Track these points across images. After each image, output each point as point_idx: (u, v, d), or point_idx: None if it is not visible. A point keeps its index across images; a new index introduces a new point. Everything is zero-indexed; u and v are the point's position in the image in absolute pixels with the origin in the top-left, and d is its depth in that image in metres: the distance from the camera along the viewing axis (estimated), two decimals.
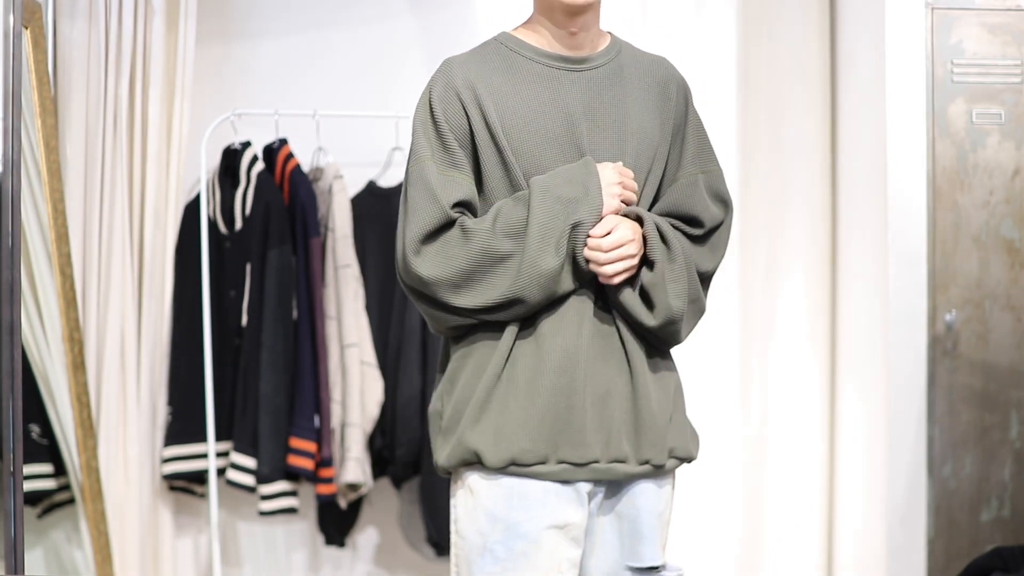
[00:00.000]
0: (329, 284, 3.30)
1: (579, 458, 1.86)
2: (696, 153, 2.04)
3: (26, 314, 2.88)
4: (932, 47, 3.19)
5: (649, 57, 2.05)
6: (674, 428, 1.95)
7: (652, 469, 1.91)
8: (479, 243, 1.85)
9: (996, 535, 3.19)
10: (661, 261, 1.90)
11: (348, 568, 3.60)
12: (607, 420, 1.88)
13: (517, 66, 1.94)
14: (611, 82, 1.96)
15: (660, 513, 1.95)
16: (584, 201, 1.87)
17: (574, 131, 1.92)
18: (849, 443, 3.53)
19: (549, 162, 1.90)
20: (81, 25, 3.17)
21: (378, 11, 3.59)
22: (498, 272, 1.85)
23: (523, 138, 1.90)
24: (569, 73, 1.95)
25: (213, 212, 3.35)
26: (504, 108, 1.90)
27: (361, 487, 3.30)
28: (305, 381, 3.26)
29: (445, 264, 1.85)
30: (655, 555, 1.93)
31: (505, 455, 1.85)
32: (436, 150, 1.90)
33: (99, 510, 3.05)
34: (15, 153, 2.51)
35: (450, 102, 1.90)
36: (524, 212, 1.86)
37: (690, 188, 2.01)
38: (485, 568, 1.86)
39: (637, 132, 1.95)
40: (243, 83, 3.53)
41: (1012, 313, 3.21)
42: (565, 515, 1.87)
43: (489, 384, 1.88)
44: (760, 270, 3.62)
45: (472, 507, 1.89)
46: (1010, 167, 3.21)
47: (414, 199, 1.88)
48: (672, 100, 2.01)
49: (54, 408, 2.99)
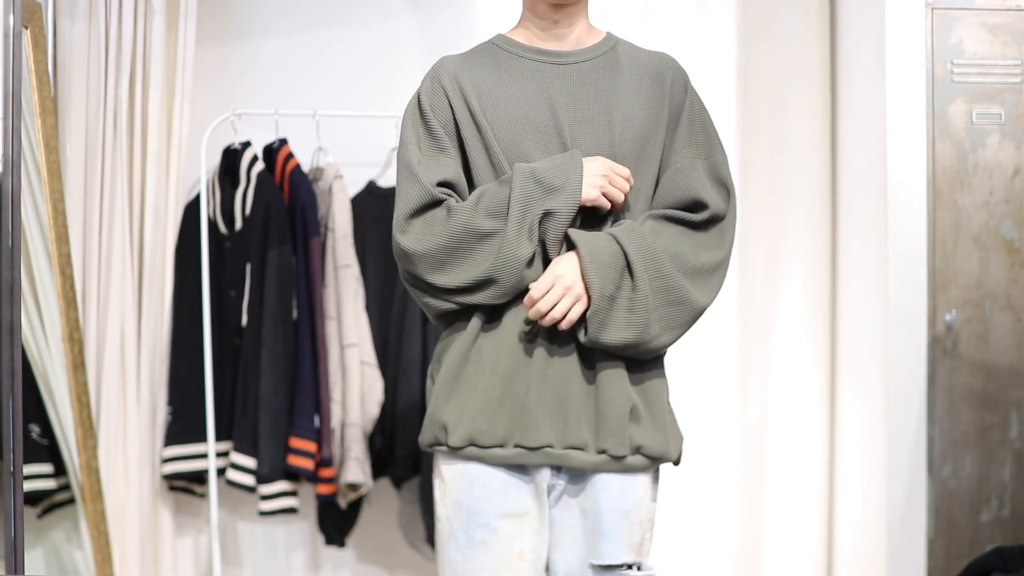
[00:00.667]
0: (329, 284, 3.30)
1: (532, 442, 1.91)
2: (695, 138, 2.05)
3: (26, 314, 2.88)
4: (932, 47, 3.19)
5: (647, 52, 2.09)
6: (644, 425, 1.96)
7: (610, 460, 1.93)
8: (461, 220, 1.90)
9: (996, 535, 3.19)
10: (605, 297, 1.90)
11: (348, 568, 3.60)
12: (564, 408, 1.92)
13: (504, 62, 2.02)
14: (598, 75, 2.00)
15: (626, 512, 1.96)
16: (562, 192, 1.90)
17: (556, 121, 1.97)
18: (849, 443, 3.53)
19: (531, 150, 1.96)
20: (81, 25, 3.17)
21: (378, 11, 3.59)
22: (478, 250, 1.90)
23: (505, 127, 1.97)
24: (554, 67, 2.00)
25: (213, 212, 3.35)
26: (487, 99, 1.98)
27: (361, 487, 3.30)
28: (305, 381, 3.26)
29: (427, 239, 1.91)
30: (617, 553, 1.95)
31: (464, 434, 1.93)
32: (421, 136, 1.98)
33: (99, 510, 3.05)
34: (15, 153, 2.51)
35: (436, 93, 2.00)
36: (507, 193, 1.90)
37: (688, 172, 2.01)
38: (450, 554, 1.96)
39: (623, 121, 1.98)
40: (243, 83, 3.53)
41: (1012, 313, 3.21)
42: (522, 505, 1.93)
43: (456, 366, 1.95)
44: (760, 270, 3.62)
45: (443, 494, 1.98)
46: (1010, 167, 3.21)
47: (400, 183, 1.97)
48: (667, 88, 2.03)
49: (54, 408, 2.99)
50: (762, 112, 3.60)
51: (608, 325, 1.91)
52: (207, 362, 3.27)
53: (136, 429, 3.24)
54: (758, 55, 3.60)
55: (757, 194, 3.61)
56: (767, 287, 3.62)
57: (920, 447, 3.18)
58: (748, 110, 3.60)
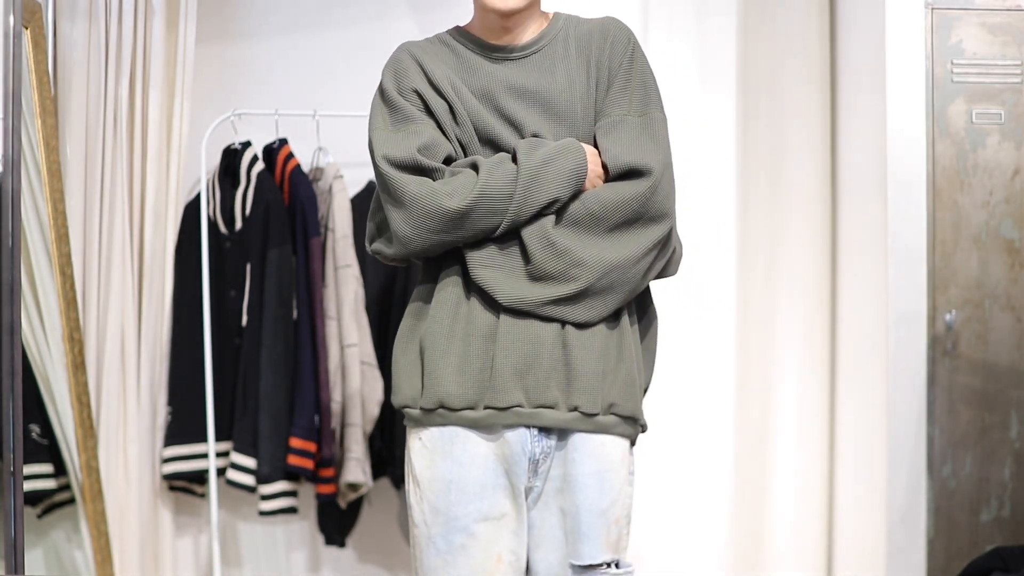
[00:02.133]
0: (329, 284, 3.30)
1: (501, 402, 1.91)
2: (632, 95, 2.02)
3: (26, 314, 2.88)
4: (932, 47, 3.19)
5: (592, 22, 2.08)
6: (618, 385, 1.96)
7: (582, 417, 1.93)
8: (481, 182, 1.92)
9: (996, 535, 3.19)
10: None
11: (348, 568, 3.60)
12: (535, 368, 1.91)
13: (461, 53, 2.05)
14: (550, 60, 2.02)
15: (603, 511, 1.96)
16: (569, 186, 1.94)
17: (510, 111, 1.98)
18: (849, 443, 3.53)
19: (490, 126, 1.97)
20: (81, 25, 3.17)
21: (378, 11, 3.59)
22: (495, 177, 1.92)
23: (467, 106, 1.99)
24: (507, 62, 2.03)
25: (213, 212, 3.35)
26: (451, 79, 2.01)
27: (361, 487, 3.30)
28: (305, 381, 3.26)
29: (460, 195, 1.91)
30: (595, 553, 1.95)
31: (434, 397, 1.93)
32: (387, 117, 2.01)
33: (99, 510, 3.05)
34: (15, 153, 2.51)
35: (399, 71, 2.02)
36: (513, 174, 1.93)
37: (617, 130, 1.99)
38: (430, 560, 1.96)
39: (570, 100, 1.99)
40: (243, 83, 3.53)
41: (1012, 313, 3.21)
42: (498, 507, 1.94)
43: (424, 332, 1.97)
44: (760, 270, 3.62)
45: (419, 499, 1.98)
46: (1010, 167, 3.21)
47: (375, 168, 2.00)
48: (607, 50, 2.03)
49: (54, 408, 2.99)
50: (762, 112, 3.60)
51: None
52: (207, 362, 3.27)
53: (136, 429, 3.24)
54: (758, 55, 3.60)
55: (757, 194, 3.60)
56: (767, 287, 3.62)
57: (920, 447, 3.18)
58: (748, 109, 3.60)
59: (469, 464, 1.94)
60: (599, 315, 1.94)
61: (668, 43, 3.56)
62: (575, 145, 1.95)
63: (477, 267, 1.93)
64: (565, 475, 1.96)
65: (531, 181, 1.90)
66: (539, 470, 1.96)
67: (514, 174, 1.90)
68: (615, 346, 1.98)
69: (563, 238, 1.91)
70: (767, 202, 3.61)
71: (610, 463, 1.97)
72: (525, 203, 1.90)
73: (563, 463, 1.96)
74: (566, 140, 1.96)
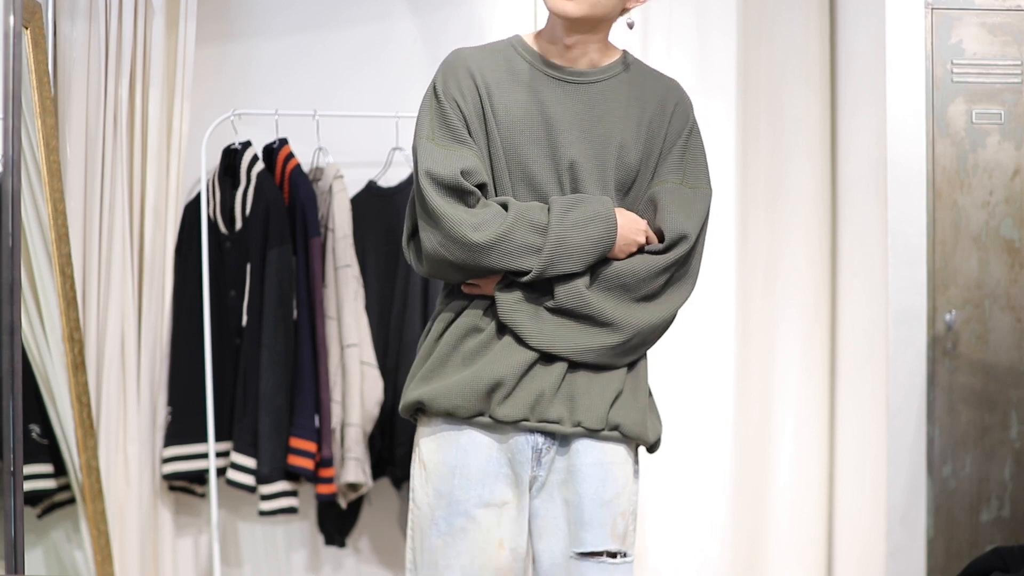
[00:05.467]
0: (329, 284, 3.30)
1: (506, 416, 1.99)
2: (687, 166, 2.09)
3: (26, 314, 2.88)
4: (932, 47, 3.19)
5: (656, 77, 2.12)
6: (622, 406, 2.03)
7: (585, 431, 2.00)
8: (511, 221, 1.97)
9: (996, 535, 3.19)
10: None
11: (348, 568, 3.60)
12: (538, 388, 1.99)
13: (516, 65, 2.05)
14: (604, 98, 2.05)
15: (607, 502, 2.01)
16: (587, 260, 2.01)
17: (554, 137, 2.01)
18: (849, 443, 3.53)
19: (528, 158, 2.01)
20: (81, 25, 3.17)
21: (378, 11, 3.59)
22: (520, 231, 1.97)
23: (507, 127, 2.01)
24: (561, 83, 2.05)
25: (213, 212, 3.35)
26: (496, 96, 2.02)
27: (361, 487, 3.30)
28: (305, 381, 3.26)
29: (490, 228, 1.96)
30: (597, 542, 2.00)
31: (440, 410, 2.01)
32: (436, 128, 2.01)
33: (99, 510, 3.05)
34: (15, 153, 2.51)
35: (449, 83, 2.03)
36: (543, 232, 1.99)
37: (667, 195, 2.06)
38: (431, 540, 2.03)
39: (619, 149, 2.04)
40: (243, 83, 3.53)
41: (1012, 313, 3.21)
42: (500, 495, 2.01)
43: (435, 348, 2.05)
44: (760, 270, 3.62)
45: (423, 482, 2.04)
46: (1010, 167, 3.21)
47: (417, 178, 2.00)
48: (668, 117, 2.08)
49: (54, 408, 2.99)
50: (762, 111, 3.60)
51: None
52: (207, 362, 3.27)
53: (136, 429, 3.24)
54: (758, 55, 3.60)
55: (757, 194, 3.61)
56: (767, 287, 3.62)
57: (920, 447, 3.18)
58: (748, 109, 3.60)
59: (474, 452, 2.01)
60: (626, 362, 2.04)
61: (668, 43, 3.56)
62: (608, 212, 1.99)
63: (505, 310, 2.00)
64: (569, 466, 2.02)
65: (559, 242, 1.96)
66: (543, 460, 2.02)
67: (543, 226, 1.96)
68: (631, 378, 2.06)
69: (597, 300, 2.00)
70: (767, 202, 3.61)
71: (614, 457, 2.03)
72: (552, 263, 1.96)
73: (567, 454, 2.02)
74: (602, 205, 2.00)
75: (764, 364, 3.62)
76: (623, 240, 2.00)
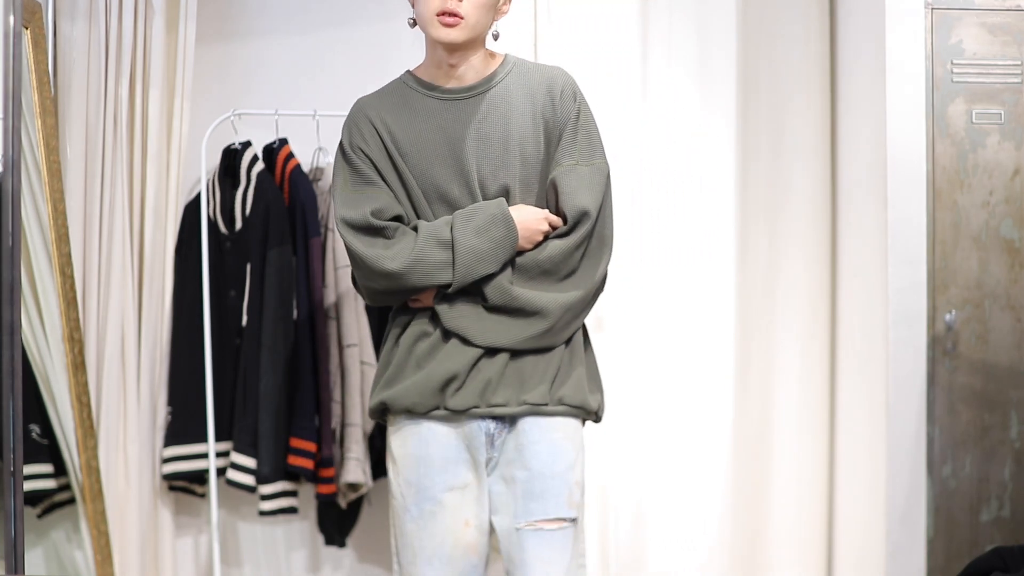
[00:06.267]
0: (329, 284, 3.30)
1: (459, 406, 2.23)
2: (579, 146, 2.27)
3: (26, 314, 2.88)
4: (932, 47, 3.19)
5: (541, 70, 2.32)
6: (561, 380, 2.26)
7: (531, 407, 2.24)
8: (419, 246, 2.23)
9: (996, 535, 3.19)
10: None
11: (348, 568, 3.60)
12: (485, 378, 2.22)
13: (411, 100, 2.29)
14: (497, 102, 2.27)
15: (558, 473, 2.24)
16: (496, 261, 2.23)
17: (461, 153, 2.24)
18: (849, 443, 3.53)
19: (442, 182, 2.24)
20: (81, 25, 3.17)
21: (378, 11, 3.59)
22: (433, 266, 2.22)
23: (417, 160, 2.25)
24: (454, 102, 2.27)
25: (213, 212, 3.35)
26: (399, 135, 2.26)
27: (361, 487, 3.30)
28: (305, 381, 3.26)
29: (400, 257, 2.22)
30: (551, 510, 2.24)
31: (401, 408, 2.26)
32: (348, 177, 2.26)
33: (99, 510, 3.05)
34: (15, 153, 2.51)
35: (354, 133, 2.28)
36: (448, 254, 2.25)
37: (565, 177, 2.26)
38: (407, 525, 2.28)
39: (520, 145, 2.25)
40: (243, 83, 3.53)
41: (1012, 313, 3.21)
42: (462, 478, 2.26)
43: (393, 355, 2.30)
44: (760, 270, 3.62)
45: (396, 474, 2.31)
46: (1010, 167, 3.21)
47: (337, 224, 2.26)
48: (557, 102, 2.28)
49: (54, 408, 2.99)
50: (762, 112, 3.60)
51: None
52: (207, 362, 3.27)
53: (136, 429, 3.24)
54: (758, 55, 3.60)
55: (757, 194, 3.61)
56: (767, 287, 3.62)
57: (920, 447, 3.18)
58: (748, 110, 3.60)
59: (434, 442, 2.26)
60: (563, 340, 2.27)
61: (668, 43, 3.56)
62: (504, 212, 2.21)
63: (448, 319, 2.23)
64: (517, 445, 2.26)
65: (466, 251, 2.18)
66: (495, 443, 2.26)
67: (449, 241, 2.19)
68: (568, 353, 2.28)
69: (522, 293, 2.22)
70: (767, 202, 3.61)
71: (563, 431, 2.27)
72: (467, 272, 2.19)
73: (515, 435, 2.26)
74: (497, 207, 2.22)
75: (764, 364, 3.62)
76: (526, 231, 2.22)
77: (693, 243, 3.58)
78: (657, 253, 3.54)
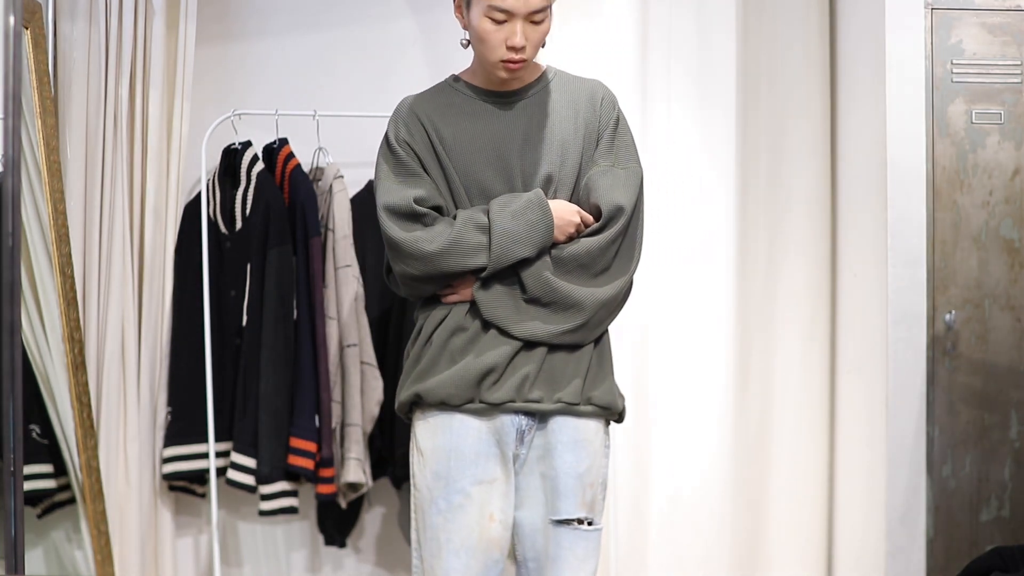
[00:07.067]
0: (329, 284, 3.30)
1: (496, 400, 2.24)
2: (617, 150, 2.34)
3: (26, 314, 2.88)
4: (932, 47, 3.19)
5: (584, 81, 2.40)
6: (592, 380, 2.30)
7: (565, 405, 2.26)
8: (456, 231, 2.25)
9: (996, 535, 3.19)
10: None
11: (348, 568, 3.60)
12: (523, 372, 2.25)
13: (458, 102, 2.34)
14: (540, 106, 2.33)
15: (580, 475, 2.28)
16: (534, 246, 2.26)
17: (502, 152, 2.29)
18: (849, 443, 3.53)
19: (488, 179, 2.29)
20: (81, 25, 3.17)
21: (378, 11, 3.59)
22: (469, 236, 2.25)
23: (462, 158, 2.29)
24: (502, 106, 2.33)
25: (213, 212, 3.35)
26: (445, 133, 2.30)
27: (361, 487, 3.30)
28: (305, 381, 3.26)
29: (437, 240, 2.25)
30: (571, 510, 2.27)
31: (436, 400, 2.27)
32: (392, 170, 2.30)
33: (99, 510, 3.05)
34: (15, 153, 2.51)
35: (404, 127, 2.32)
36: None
37: (600, 177, 2.30)
38: (432, 518, 2.27)
39: (561, 144, 2.31)
40: (243, 83, 3.54)
41: (1012, 313, 3.21)
42: (491, 472, 2.26)
43: (426, 350, 2.31)
44: (760, 270, 3.62)
45: (422, 467, 2.29)
46: (1010, 167, 3.21)
47: (379, 215, 2.30)
48: (598, 110, 2.35)
49: (54, 408, 2.99)
50: (762, 112, 3.60)
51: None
52: (207, 362, 3.27)
53: (136, 429, 3.24)
54: (758, 55, 3.60)
55: (757, 194, 3.60)
56: (767, 287, 3.62)
57: (920, 447, 3.18)
58: (748, 110, 3.60)
59: (465, 435, 2.26)
60: (594, 337, 2.31)
61: (668, 42, 3.55)
62: (540, 198, 2.25)
63: (487, 308, 2.25)
64: (546, 443, 2.28)
65: (502, 234, 2.22)
66: (525, 439, 2.28)
67: (486, 225, 2.23)
68: (597, 353, 2.32)
69: (561, 285, 2.25)
70: (767, 202, 3.61)
71: (586, 433, 2.29)
72: (502, 254, 2.22)
73: (545, 433, 2.28)
74: (534, 195, 2.25)
75: (764, 364, 3.62)
76: (559, 220, 2.25)
77: (693, 243, 3.58)
78: (657, 253, 3.53)
